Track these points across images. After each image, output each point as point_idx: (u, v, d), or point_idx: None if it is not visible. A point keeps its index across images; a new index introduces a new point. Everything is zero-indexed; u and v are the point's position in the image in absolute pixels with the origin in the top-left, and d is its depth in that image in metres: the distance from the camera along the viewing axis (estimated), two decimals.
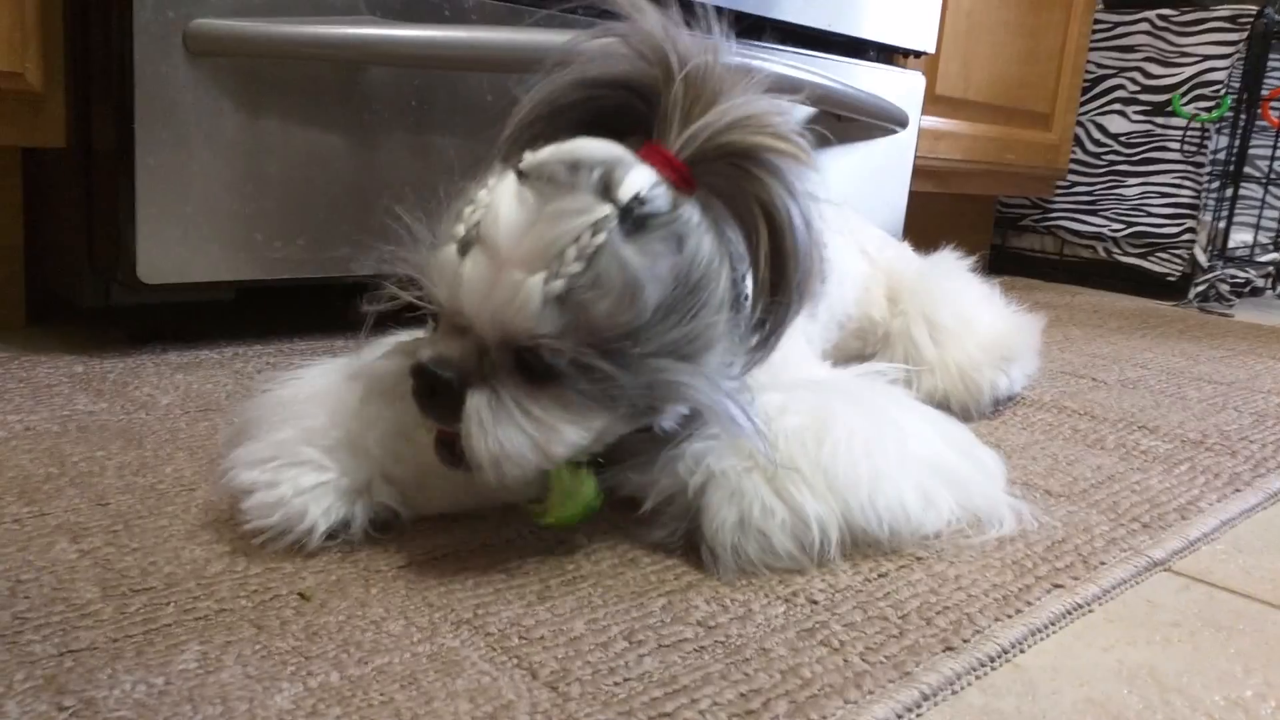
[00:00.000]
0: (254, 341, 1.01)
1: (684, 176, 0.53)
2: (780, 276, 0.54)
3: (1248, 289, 2.14)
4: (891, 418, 0.64)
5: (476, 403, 0.51)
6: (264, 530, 0.54)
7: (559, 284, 0.49)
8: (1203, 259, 1.98)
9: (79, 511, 0.58)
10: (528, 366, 0.51)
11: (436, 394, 0.52)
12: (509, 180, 0.51)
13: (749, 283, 0.56)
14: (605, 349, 0.50)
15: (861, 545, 0.60)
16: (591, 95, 0.56)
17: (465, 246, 0.51)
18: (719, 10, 0.57)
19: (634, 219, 0.50)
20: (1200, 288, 1.96)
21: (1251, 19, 1.89)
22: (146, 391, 0.82)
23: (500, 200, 0.51)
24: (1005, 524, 0.65)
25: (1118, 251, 2.07)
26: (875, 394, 0.68)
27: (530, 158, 0.52)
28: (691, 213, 0.53)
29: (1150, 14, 1.99)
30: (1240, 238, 2.10)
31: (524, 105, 0.57)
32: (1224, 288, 1.98)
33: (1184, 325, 1.67)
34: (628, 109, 0.55)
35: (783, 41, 1.31)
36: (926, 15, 1.52)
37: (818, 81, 1.31)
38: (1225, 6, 1.92)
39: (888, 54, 1.54)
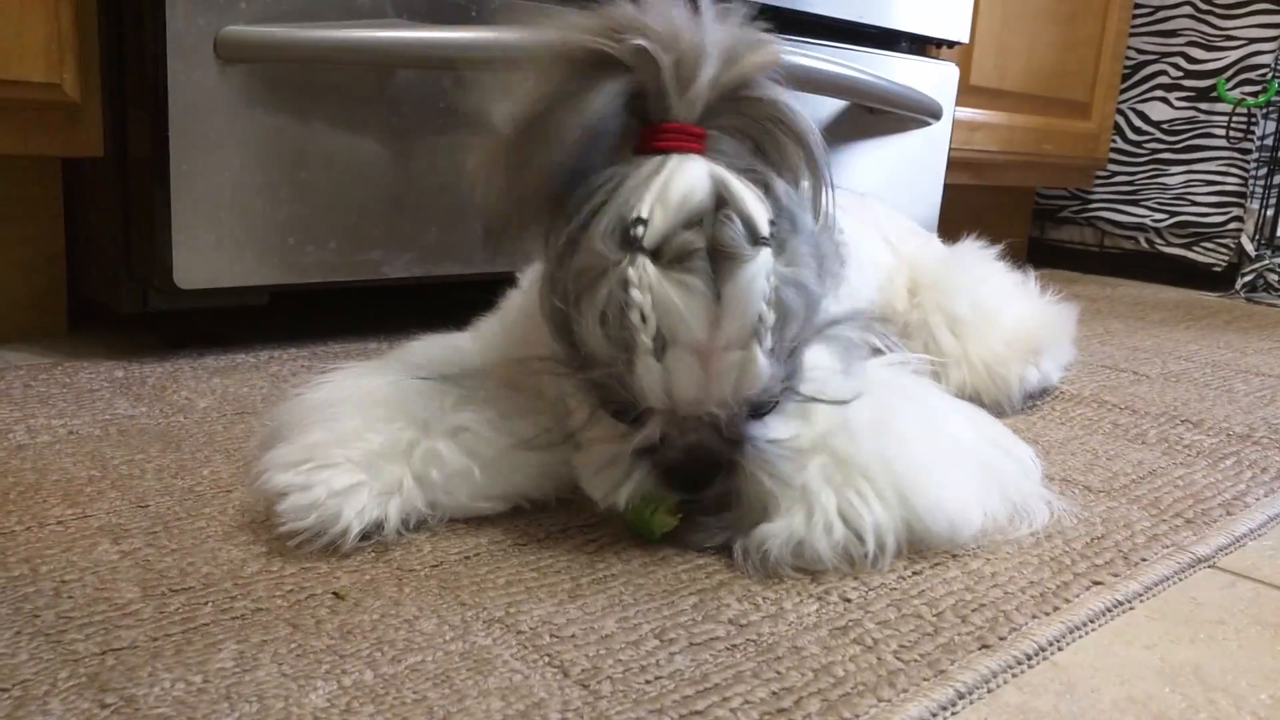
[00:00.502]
0: (289, 345, 1.02)
1: (701, 136, 0.53)
2: (815, 169, 0.56)
3: None
4: (936, 410, 0.64)
5: (749, 463, 0.55)
6: (299, 532, 0.55)
7: (769, 340, 0.51)
8: (1250, 248, 1.93)
9: (120, 513, 0.59)
10: (755, 410, 0.55)
11: (710, 477, 0.56)
12: (651, 270, 0.50)
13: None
14: (794, 355, 0.54)
15: (920, 547, 0.59)
16: (599, 127, 0.53)
17: (660, 351, 0.50)
18: (748, 5, 0.57)
19: (776, 241, 0.52)
20: (1247, 278, 1.92)
21: None
22: (184, 395, 0.83)
23: (669, 296, 0.50)
24: (1038, 519, 0.64)
25: (1160, 242, 2.03)
26: (916, 387, 0.68)
27: (649, 234, 0.50)
28: (779, 182, 0.54)
29: None
30: None
31: (536, 165, 0.53)
32: (1272, 277, 1.93)
33: (1230, 316, 1.63)
34: (625, 110, 0.54)
35: (814, 35, 1.30)
36: (959, 4, 1.51)
37: (849, 74, 1.30)
38: None
39: (920, 45, 1.53)
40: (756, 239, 0.51)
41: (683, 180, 0.51)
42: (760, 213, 0.51)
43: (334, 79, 0.94)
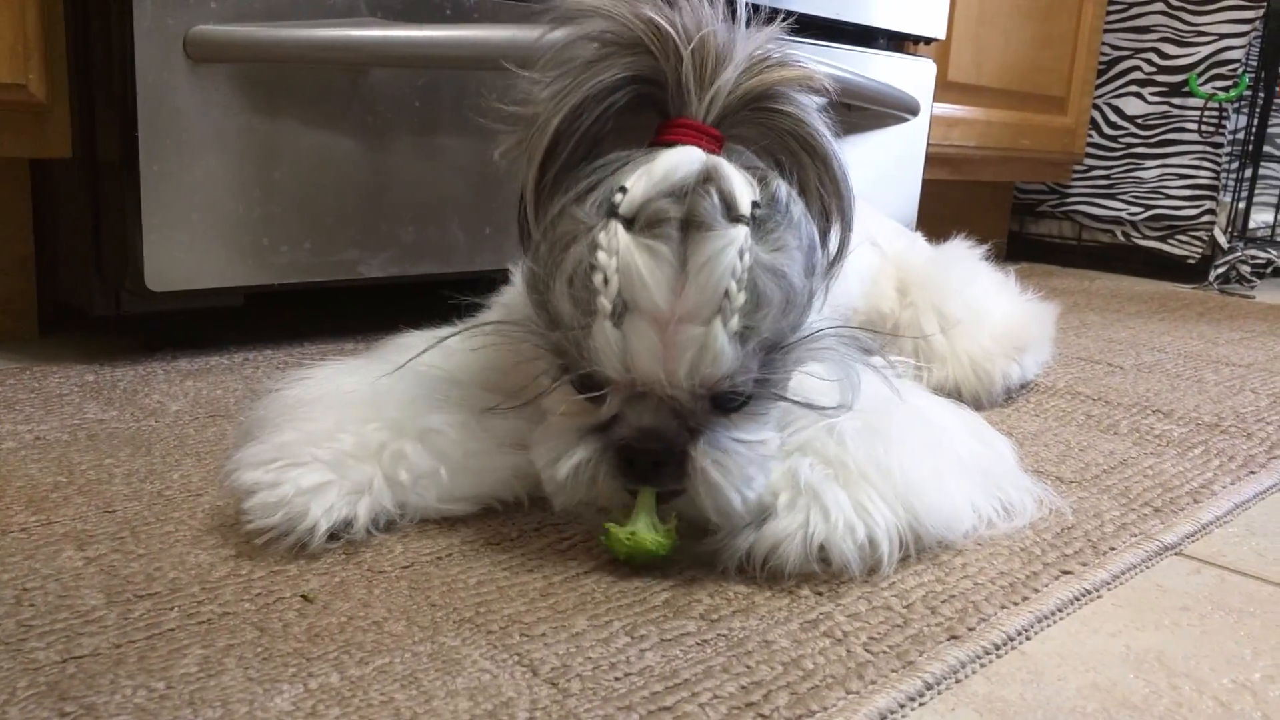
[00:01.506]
0: (265, 346, 1.01)
1: (718, 141, 0.53)
2: (838, 200, 0.56)
3: (1270, 270, 2.11)
4: (921, 411, 0.64)
5: (702, 457, 0.52)
6: (266, 530, 0.55)
7: (735, 321, 0.49)
8: (1223, 240, 1.95)
9: (86, 519, 0.58)
10: (721, 402, 0.52)
11: (659, 465, 0.52)
12: (622, 235, 0.49)
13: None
14: (771, 353, 0.52)
15: (920, 551, 0.58)
16: (610, 103, 0.54)
17: (618, 317, 0.49)
18: (730, 2, 0.58)
19: (758, 222, 0.50)
20: (1221, 269, 1.94)
21: None
22: (156, 399, 0.82)
23: (634, 261, 0.48)
24: (1027, 514, 0.64)
25: (1136, 235, 2.04)
26: (901, 388, 0.67)
27: (626, 201, 0.49)
28: (779, 182, 0.53)
29: None
30: (1261, 218, 2.07)
31: (542, 128, 0.54)
32: (1245, 269, 1.95)
33: (1203, 308, 1.65)
34: (639, 98, 0.55)
35: (792, 31, 1.31)
36: (936, 1, 1.51)
37: (827, 70, 1.30)
38: None
39: (898, 41, 1.53)
40: (735, 216, 0.50)
41: (673, 156, 0.51)
42: (744, 192, 0.50)
43: (307, 78, 0.93)
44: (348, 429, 0.59)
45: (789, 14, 0.60)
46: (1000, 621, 0.52)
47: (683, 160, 0.51)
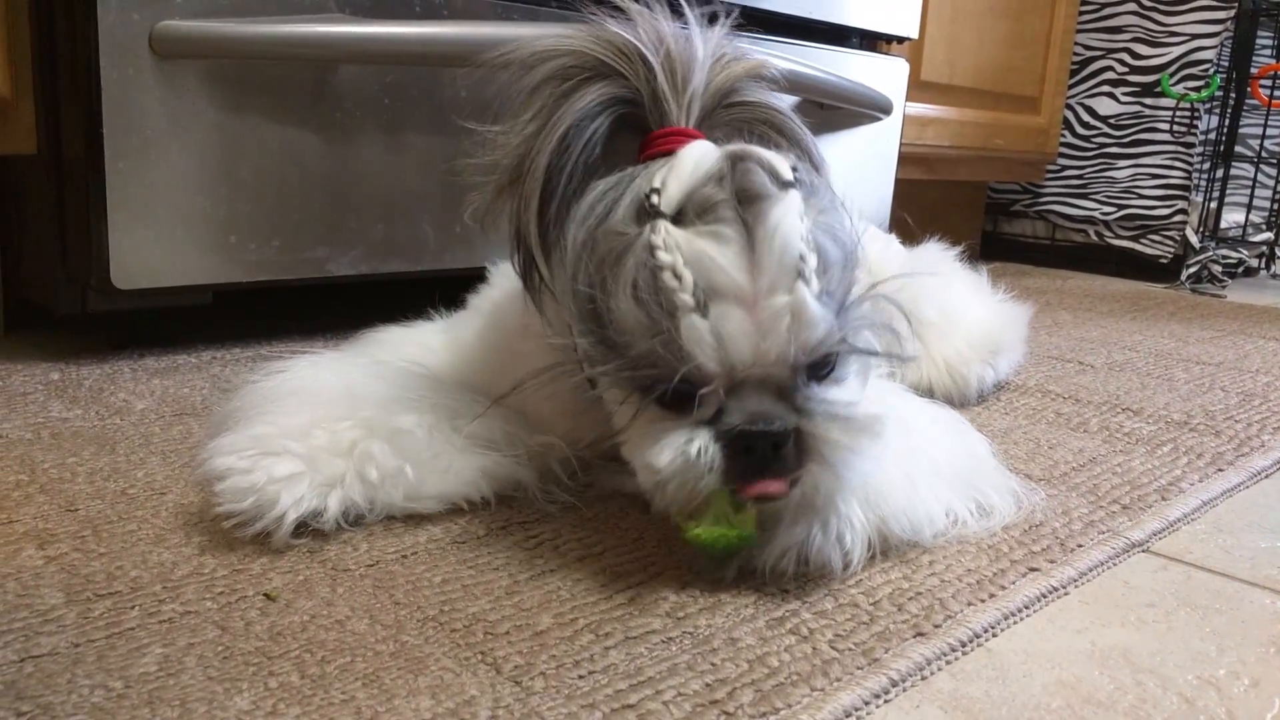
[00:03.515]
0: (233, 345, 1.01)
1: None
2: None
3: (1241, 269, 2.13)
4: (900, 413, 0.64)
5: (820, 429, 0.49)
6: (235, 515, 0.55)
7: (815, 283, 0.48)
8: (1195, 240, 1.97)
9: (47, 518, 0.58)
10: (815, 371, 0.51)
11: (779, 447, 0.49)
12: (675, 230, 0.48)
13: None
14: (841, 313, 0.50)
15: (889, 553, 0.58)
16: (594, 129, 0.54)
17: (703, 308, 0.47)
18: (701, 1, 0.58)
19: (803, 185, 0.50)
20: (1192, 269, 1.95)
21: None
22: (122, 397, 0.81)
23: (702, 248, 0.47)
24: (1004, 514, 0.64)
25: (1109, 235, 2.06)
26: (880, 391, 0.67)
27: (665, 199, 0.49)
28: (789, 154, 0.53)
29: None
30: (1233, 218, 2.10)
31: (532, 170, 0.54)
32: (1216, 269, 1.97)
33: (1175, 307, 1.66)
34: (617, 120, 0.55)
35: (765, 30, 1.31)
36: (909, 1, 1.52)
37: (799, 70, 1.30)
38: None
39: (871, 40, 1.54)
40: (783, 183, 0.49)
41: (691, 153, 0.51)
42: (780, 160, 0.50)
43: (275, 74, 0.92)
44: (322, 425, 0.59)
45: (741, 9, 0.61)
46: (966, 619, 0.52)
47: (703, 152, 0.51)
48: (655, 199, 0.49)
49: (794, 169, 0.50)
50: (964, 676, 0.48)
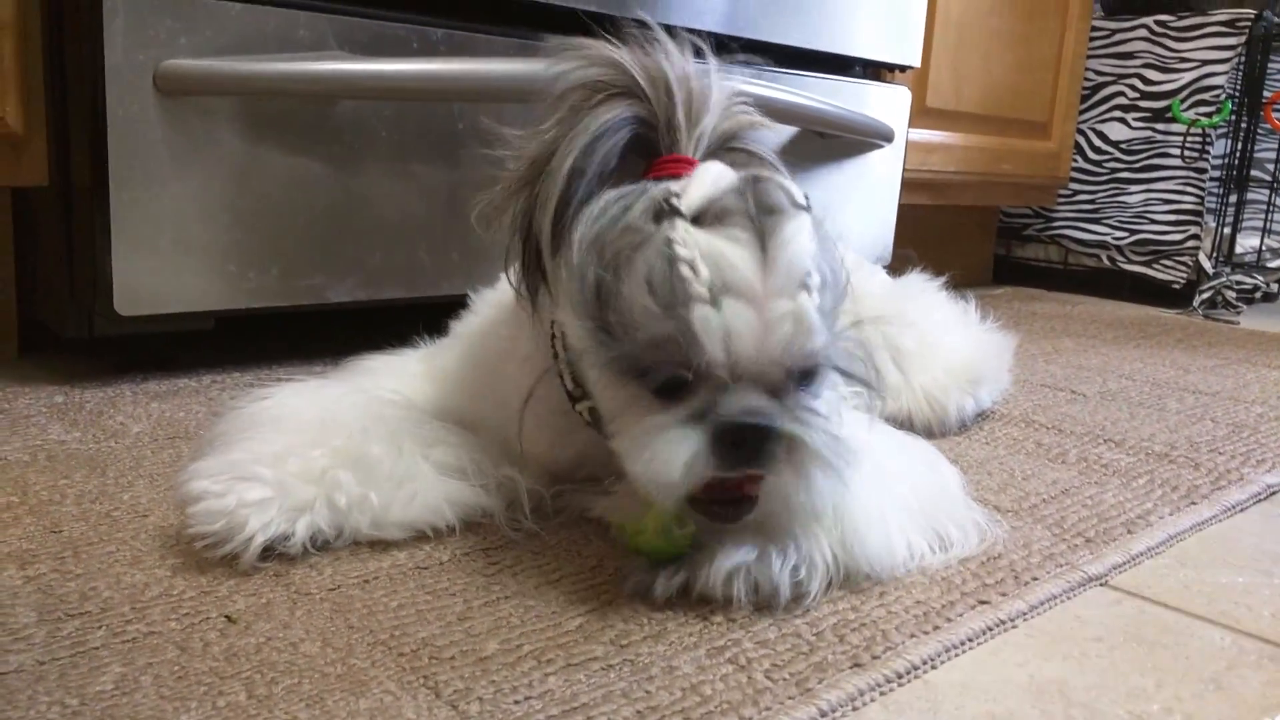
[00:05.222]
0: (233, 369, 1.04)
1: None
2: None
3: (1258, 295, 2.11)
4: (870, 444, 0.65)
5: (805, 432, 0.52)
6: (206, 536, 0.57)
7: (818, 299, 0.52)
8: (1208, 265, 1.96)
9: (32, 539, 0.60)
10: (803, 379, 0.54)
11: (767, 441, 0.52)
12: (694, 230, 0.51)
13: None
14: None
15: (847, 585, 0.59)
16: (615, 141, 0.57)
17: (716, 301, 0.50)
18: (700, 34, 0.62)
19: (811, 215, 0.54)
20: (1205, 294, 1.94)
21: (1250, 23, 1.88)
22: (120, 420, 0.85)
23: (719, 247, 0.51)
24: (968, 546, 0.65)
25: (1122, 259, 2.05)
26: (850, 420, 0.69)
27: (686, 202, 0.52)
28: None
29: (1148, 20, 1.98)
30: (1248, 243, 2.08)
31: (553, 173, 0.56)
32: (1230, 294, 1.96)
33: (1183, 334, 1.65)
34: (633, 138, 0.58)
35: (766, 61, 1.33)
36: (911, 30, 1.53)
37: (797, 101, 1.32)
38: (1223, 11, 1.91)
39: (874, 69, 1.55)
40: (796, 205, 0.53)
41: (712, 168, 0.55)
42: (795, 186, 0.54)
43: (276, 109, 0.96)
44: (295, 452, 0.62)
45: (752, 49, 0.65)
46: (906, 650, 0.53)
47: (723, 170, 0.55)
48: (676, 200, 0.52)
49: (806, 196, 0.54)
50: (896, 708, 0.49)
